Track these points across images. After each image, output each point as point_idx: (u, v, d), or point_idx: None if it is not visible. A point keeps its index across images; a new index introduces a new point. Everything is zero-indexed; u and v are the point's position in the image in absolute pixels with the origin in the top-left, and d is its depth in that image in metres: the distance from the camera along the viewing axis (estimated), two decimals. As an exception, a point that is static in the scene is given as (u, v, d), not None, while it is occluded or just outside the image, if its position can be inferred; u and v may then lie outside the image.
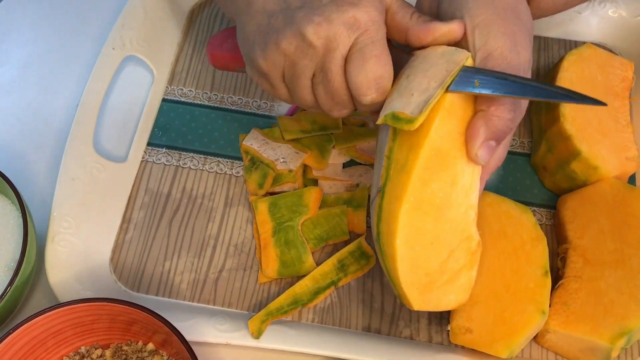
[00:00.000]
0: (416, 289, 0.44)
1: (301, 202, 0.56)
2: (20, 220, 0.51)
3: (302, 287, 0.53)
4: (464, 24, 0.44)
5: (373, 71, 0.43)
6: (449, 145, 0.43)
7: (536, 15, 0.51)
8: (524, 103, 0.44)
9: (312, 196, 0.56)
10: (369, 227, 0.57)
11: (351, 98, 0.46)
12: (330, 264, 0.54)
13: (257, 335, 0.51)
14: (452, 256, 0.44)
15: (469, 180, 0.44)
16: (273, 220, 0.55)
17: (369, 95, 0.44)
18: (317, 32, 0.43)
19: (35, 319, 0.47)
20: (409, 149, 0.43)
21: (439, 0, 0.47)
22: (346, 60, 0.44)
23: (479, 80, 0.41)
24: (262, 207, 0.56)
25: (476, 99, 0.43)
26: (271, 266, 0.54)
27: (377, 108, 0.45)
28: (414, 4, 0.48)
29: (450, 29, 0.44)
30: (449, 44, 0.44)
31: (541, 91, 0.41)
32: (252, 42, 0.47)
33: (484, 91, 0.41)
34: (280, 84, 0.47)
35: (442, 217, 0.43)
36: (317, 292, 0.53)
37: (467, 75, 0.42)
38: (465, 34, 0.44)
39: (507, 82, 0.41)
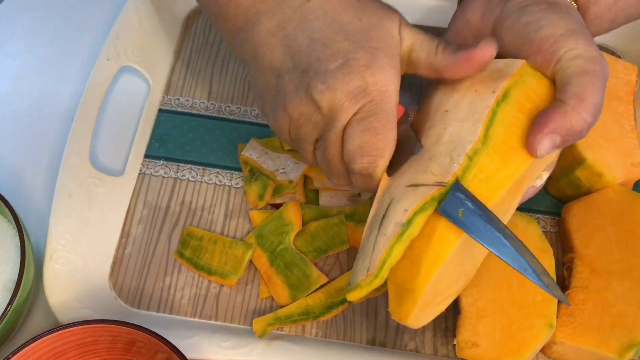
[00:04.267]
0: (421, 305, 0.42)
1: (283, 222, 0.55)
2: (17, 239, 0.50)
3: (314, 299, 0.53)
4: (495, 42, 0.41)
5: (369, 142, 0.41)
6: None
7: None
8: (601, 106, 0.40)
9: (290, 212, 0.55)
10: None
11: (346, 169, 0.44)
12: (345, 279, 0.54)
13: (261, 335, 0.51)
14: (458, 281, 0.43)
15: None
16: (265, 251, 0.55)
17: (358, 163, 0.42)
18: (320, 100, 0.42)
19: (35, 342, 0.46)
20: (503, 163, 0.40)
21: (499, 17, 0.44)
22: (346, 126, 0.42)
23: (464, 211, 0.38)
24: (251, 242, 0.55)
25: (556, 87, 0.41)
26: (282, 294, 0.53)
27: (368, 185, 0.43)
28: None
29: (484, 51, 0.40)
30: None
31: (516, 258, 0.39)
32: (262, 99, 0.46)
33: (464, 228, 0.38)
34: (290, 141, 0.47)
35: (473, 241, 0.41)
36: (330, 307, 0.52)
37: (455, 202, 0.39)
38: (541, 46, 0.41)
39: (488, 228, 0.38)
